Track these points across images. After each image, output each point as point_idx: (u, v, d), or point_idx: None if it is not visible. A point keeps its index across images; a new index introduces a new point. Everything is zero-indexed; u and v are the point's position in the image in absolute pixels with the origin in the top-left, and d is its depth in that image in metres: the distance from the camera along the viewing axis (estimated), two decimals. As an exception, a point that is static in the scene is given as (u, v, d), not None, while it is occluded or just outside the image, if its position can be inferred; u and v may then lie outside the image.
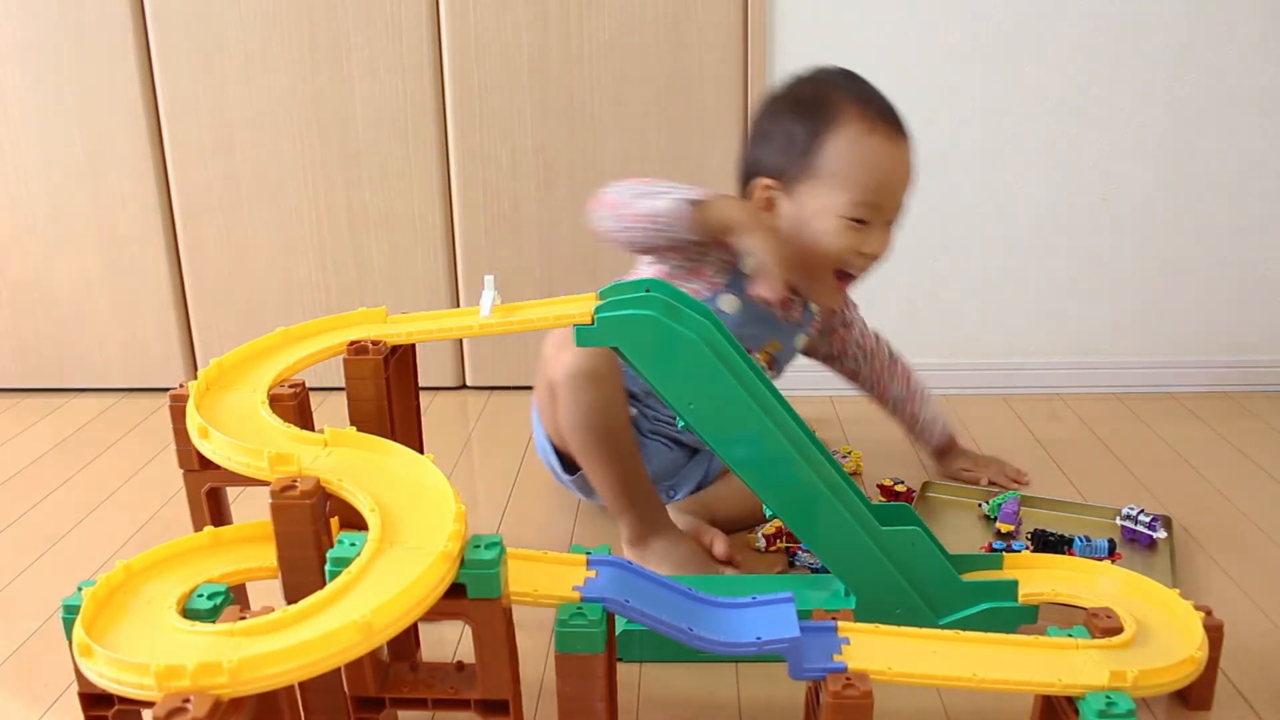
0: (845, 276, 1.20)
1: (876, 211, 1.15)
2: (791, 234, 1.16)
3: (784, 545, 1.21)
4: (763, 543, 1.20)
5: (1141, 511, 1.23)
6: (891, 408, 1.45)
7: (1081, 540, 1.18)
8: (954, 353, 1.77)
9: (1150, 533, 1.21)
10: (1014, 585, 0.98)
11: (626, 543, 1.17)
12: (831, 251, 1.16)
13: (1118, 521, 1.24)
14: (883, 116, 1.16)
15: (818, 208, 1.15)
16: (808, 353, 1.40)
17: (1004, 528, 1.23)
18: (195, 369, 1.83)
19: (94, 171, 1.72)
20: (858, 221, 1.15)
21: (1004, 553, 1.04)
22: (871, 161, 1.14)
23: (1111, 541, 1.19)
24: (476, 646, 0.74)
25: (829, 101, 1.16)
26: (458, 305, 1.78)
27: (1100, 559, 1.14)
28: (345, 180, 1.72)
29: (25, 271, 1.78)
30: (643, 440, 1.27)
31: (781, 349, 1.29)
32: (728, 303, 1.20)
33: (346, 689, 0.77)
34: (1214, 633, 0.89)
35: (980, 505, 1.31)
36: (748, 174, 1.21)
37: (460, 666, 0.79)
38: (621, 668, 0.96)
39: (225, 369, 0.93)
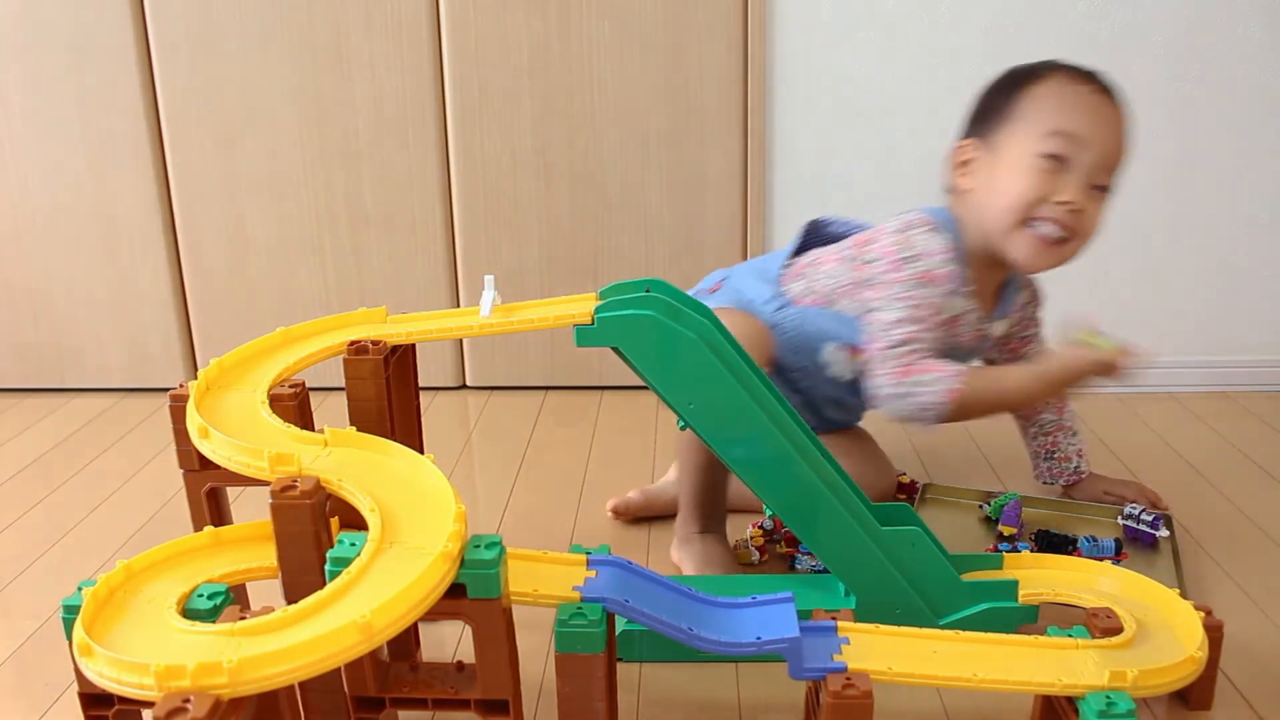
0: (1050, 239, 1.11)
1: (1075, 150, 1.08)
2: (984, 190, 1.13)
3: (781, 551, 1.21)
4: (756, 555, 1.20)
5: (1144, 510, 1.23)
6: (1036, 429, 1.36)
7: (1088, 540, 1.18)
8: (954, 353, 1.76)
9: (1153, 531, 1.21)
10: (1014, 585, 0.98)
11: (679, 539, 1.18)
12: (1023, 194, 1.09)
13: (1120, 521, 1.24)
14: (1093, 77, 1.12)
15: (1014, 152, 1.10)
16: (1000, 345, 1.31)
17: (1006, 530, 1.22)
18: (195, 369, 1.83)
19: (94, 171, 1.72)
20: (1052, 159, 1.08)
21: (1004, 553, 1.04)
22: (1073, 103, 1.09)
23: (1118, 541, 1.19)
24: (476, 646, 0.74)
25: (1040, 67, 1.13)
26: (458, 305, 1.78)
27: (1107, 559, 1.14)
28: (345, 180, 1.72)
29: (25, 271, 1.78)
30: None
31: (982, 337, 1.23)
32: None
33: (346, 689, 0.77)
34: (1214, 633, 0.89)
35: (981, 507, 1.31)
36: (954, 152, 1.18)
37: (460, 666, 0.79)
38: (621, 668, 0.96)
39: (225, 369, 0.93)
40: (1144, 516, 1.22)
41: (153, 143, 1.71)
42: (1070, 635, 0.83)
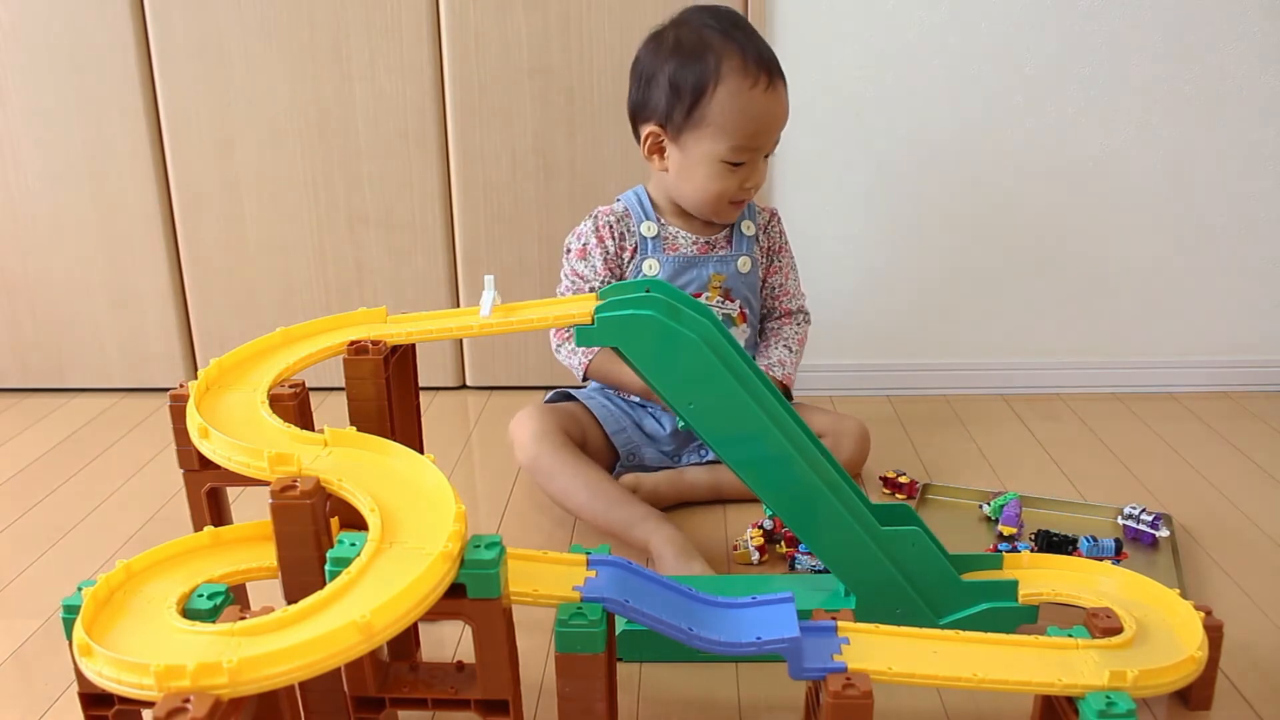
0: (741, 202, 1.32)
1: (754, 153, 1.27)
2: (679, 175, 1.30)
3: (781, 552, 1.21)
4: (756, 555, 1.20)
5: (1143, 510, 1.23)
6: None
7: (1089, 540, 1.18)
8: (954, 353, 1.77)
9: (1153, 531, 1.21)
10: (1014, 585, 0.98)
11: (665, 557, 1.17)
12: (716, 190, 1.28)
13: (1119, 521, 1.24)
14: (761, 67, 1.24)
15: (701, 154, 1.26)
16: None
17: (1006, 530, 1.22)
18: (195, 369, 1.83)
19: (94, 171, 1.72)
20: (736, 164, 1.26)
21: (1004, 553, 1.04)
22: (750, 112, 1.23)
23: (1118, 541, 1.19)
24: (476, 646, 0.74)
25: (710, 51, 1.24)
26: (458, 305, 1.78)
27: (1107, 559, 1.15)
28: (345, 180, 1.72)
29: (25, 271, 1.78)
30: (653, 407, 1.39)
31: (727, 278, 1.37)
32: (650, 266, 1.34)
33: (346, 689, 0.76)
34: (1214, 633, 0.89)
35: (981, 506, 1.31)
36: (635, 115, 1.32)
37: (460, 667, 0.79)
38: (621, 667, 0.96)
39: (225, 369, 0.93)
40: (1144, 516, 1.22)
41: (153, 143, 1.71)
42: (1070, 635, 0.83)
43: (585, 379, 1.38)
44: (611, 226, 1.35)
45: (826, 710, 0.74)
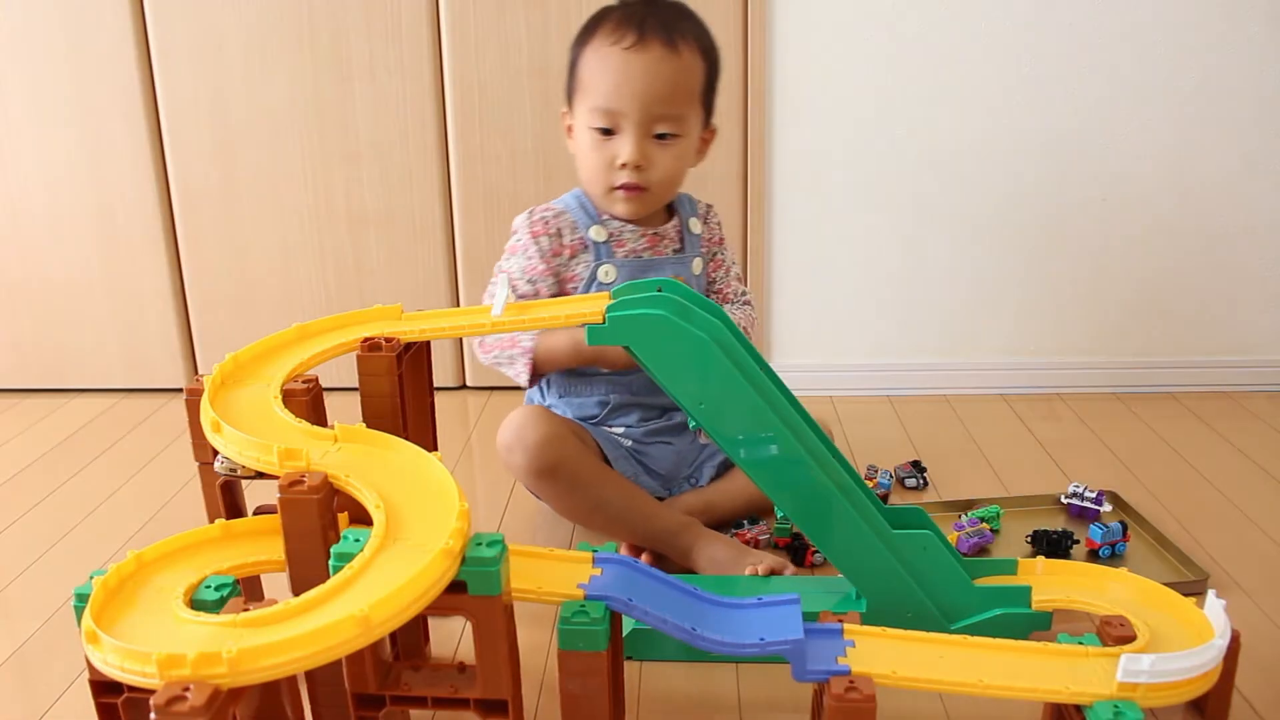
0: (630, 188, 1.20)
1: (616, 119, 1.17)
2: (575, 154, 1.23)
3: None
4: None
5: (1085, 488, 1.28)
6: None
7: (1099, 527, 1.19)
8: (954, 353, 1.77)
9: (1096, 507, 1.26)
10: (1027, 591, 0.98)
11: (722, 561, 1.15)
12: (593, 164, 1.20)
13: (1063, 500, 1.29)
14: (632, 25, 1.16)
15: (579, 123, 1.20)
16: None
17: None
18: (195, 369, 1.83)
19: (94, 171, 1.72)
20: (604, 132, 1.17)
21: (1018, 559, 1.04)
22: (609, 67, 1.16)
23: (1124, 523, 1.21)
24: (477, 644, 0.74)
25: (598, 18, 1.19)
26: (458, 305, 1.77)
27: (1116, 541, 1.18)
28: (345, 180, 1.72)
29: (25, 271, 1.78)
30: (642, 450, 1.27)
31: (685, 280, 1.24)
32: (606, 273, 1.23)
33: (348, 686, 0.77)
34: (1230, 644, 0.85)
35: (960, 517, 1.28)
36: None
37: (462, 667, 0.79)
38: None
39: (241, 364, 0.93)
40: (1087, 494, 1.27)
41: (153, 143, 1.71)
42: (1081, 643, 0.82)
43: (533, 380, 1.21)
44: (547, 222, 1.24)
45: (829, 713, 0.74)
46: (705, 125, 1.24)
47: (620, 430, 1.28)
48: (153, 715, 0.57)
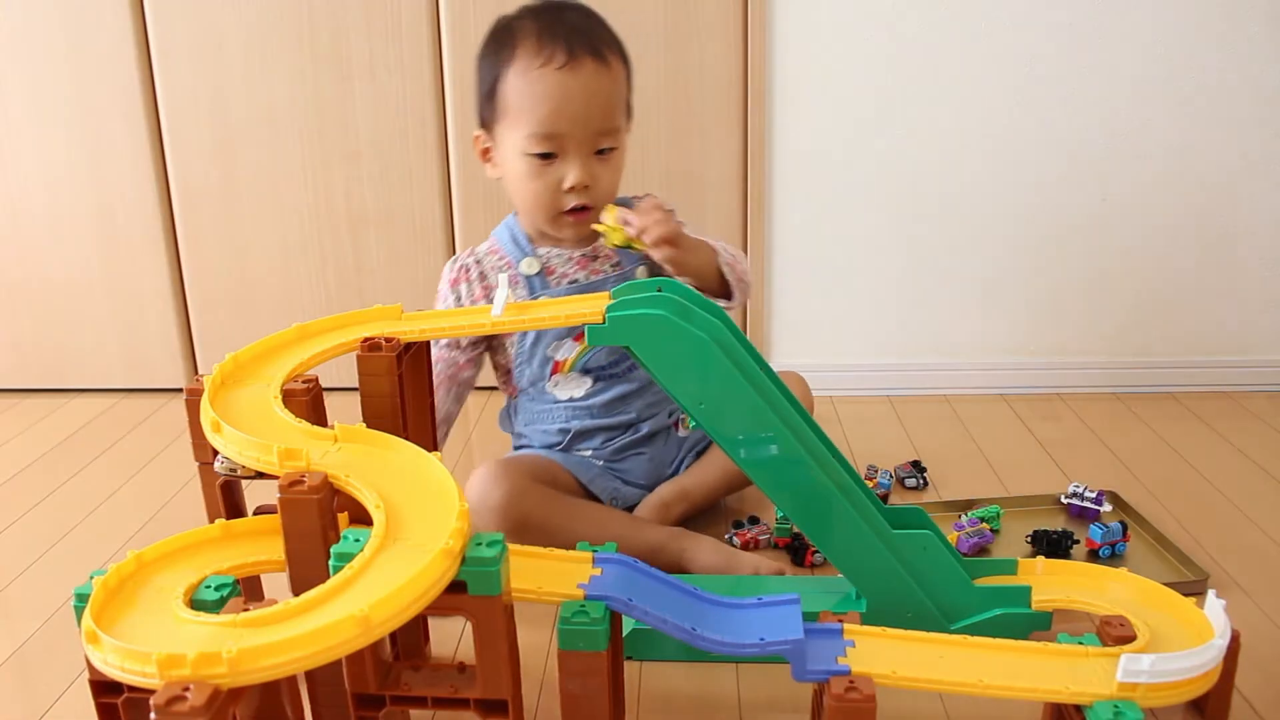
0: (578, 211, 1.16)
1: (558, 143, 1.12)
2: (505, 181, 1.18)
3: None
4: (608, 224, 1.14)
5: (1085, 488, 1.27)
6: None
7: (1100, 527, 1.19)
8: (954, 353, 1.77)
9: (1096, 507, 1.25)
10: (1027, 591, 0.98)
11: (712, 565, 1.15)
12: (532, 190, 1.15)
13: (1063, 500, 1.28)
14: (557, 42, 1.11)
15: (509, 150, 1.14)
16: None
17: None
18: (195, 369, 1.83)
19: (94, 171, 1.72)
20: (544, 157, 1.13)
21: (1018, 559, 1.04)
22: (541, 92, 1.10)
23: (1124, 523, 1.21)
24: (477, 644, 0.74)
25: (510, 34, 1.14)
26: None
27: (1116, 541, 1.18)
28: (345, 180, 1.72)
29: (25, 271, 1.78)
30: (615, 467, 1.27)
31: None
32: (527, 264, 1.20)
33: (348, 686, 0.77)
34: (1230, 644, 0.85)
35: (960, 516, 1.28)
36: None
37: (462, 667, 0.79)
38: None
39: (241, 364, 0.93)
40: (1087, 494, 1.27)
41: (153, 143, 1.71)
42: (1081, 643, 0.82)
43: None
44: (468, 269, 1.22)
45: (829, 713, 0.74)
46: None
47: (589, 453, 1.26)
48: (153, 715, 0.57)
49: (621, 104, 1.17)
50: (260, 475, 0.81)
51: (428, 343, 1.03)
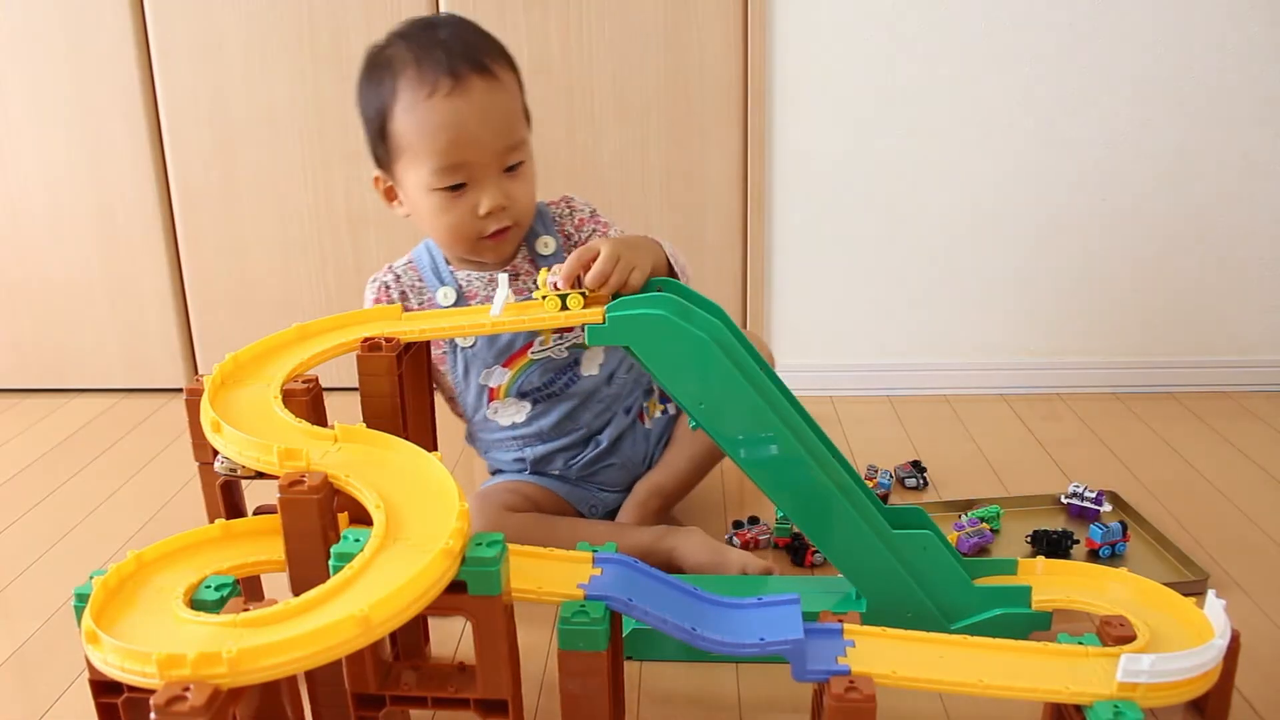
0: (499, 233, 1.12)
1: (465, 172, 1.07)
2: (416, 217, 1.13)
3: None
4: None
5: (1085, 488, 1.27)
6: None
7: (1100, 527, 1.19)
8: (954, 353, 1.77)
9: (1096, 507, 1.25)
10: (1027, 591, 0.98)
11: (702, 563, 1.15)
12: (448, 224, 1.10)
13: (1063, 500, 1.28)
14: (439, 69, 1.04)
15: (413, 186, 1.09)
16: None
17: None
18: (195, 369, 1.83)
19: (94, 171, 1.72)
20: (453, 189, 1.08)
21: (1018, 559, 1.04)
22: (434, 125, 1.04)
23: (1124, 523, 1.21)
24: (477, 644, 0.74)
25: (388, 66, 1.07)
26: (458, 305, 1.77)
27: (1116, 541, 1.18)
28: (345, 180, 1.72)
29: (25, 271, 1.78)
30: (587, 478, 1.26)
31: None
32: (444, 295, 1.17)
33: (348, 686, 0.77)
34: (1230, 644, 0.85)
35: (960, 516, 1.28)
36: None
37: (462, 667, 0.79)
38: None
39: (241, 364, 0.93)
40: (1087, 494, 1.26)
41: (153, 143, 1.71)
42: (1081, 643, 0.82)
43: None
44: (387, 288, 1.19)
45: (829, 713, 0.74)
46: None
47: (556, 473, 1.26)
48: (153, 715, 0.57)
49: (519, 114, 1.11)
50: (260, 475, 0.81)
51: (427, 343, 1.03)
